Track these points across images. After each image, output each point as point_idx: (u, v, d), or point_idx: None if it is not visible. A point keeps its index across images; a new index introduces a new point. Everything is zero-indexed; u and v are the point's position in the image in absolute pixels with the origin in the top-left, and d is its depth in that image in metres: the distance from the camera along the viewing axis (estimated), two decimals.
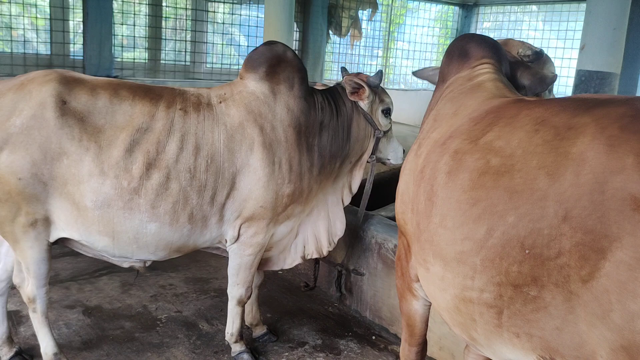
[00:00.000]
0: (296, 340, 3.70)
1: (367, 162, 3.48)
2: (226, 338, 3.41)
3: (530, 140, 1.70)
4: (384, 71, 13.52)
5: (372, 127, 3.40)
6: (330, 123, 3.27)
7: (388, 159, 3.58)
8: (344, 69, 3.59)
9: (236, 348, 3.39)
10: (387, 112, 3.46)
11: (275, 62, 3.11)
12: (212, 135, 2.90)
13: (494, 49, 2.55)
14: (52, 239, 2.85)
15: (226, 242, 3.13)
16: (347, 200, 3.54)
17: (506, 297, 1.66)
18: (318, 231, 3.44)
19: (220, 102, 3.01)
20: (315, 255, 3.50)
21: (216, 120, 2.93)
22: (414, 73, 3.18)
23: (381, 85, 3.47)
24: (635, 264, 1.38)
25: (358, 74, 3.45)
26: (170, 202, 2.80)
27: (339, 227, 3.50)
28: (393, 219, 4.01)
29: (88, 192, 2.71)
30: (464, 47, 2.57)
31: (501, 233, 1.66)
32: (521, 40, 3.29)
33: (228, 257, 3.24)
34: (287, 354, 3.54)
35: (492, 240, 1.69)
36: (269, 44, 3.26)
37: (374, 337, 3.81)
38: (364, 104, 3.36)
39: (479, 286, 1.73)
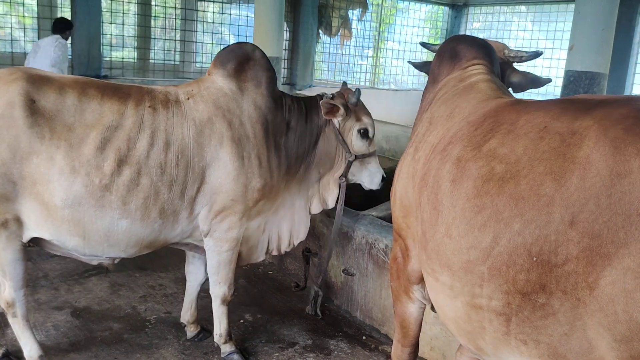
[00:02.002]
0: (286, 341, 3.69)
1: (338, 182, 3.46)
2: (215, 339, 3.39)
3: (536, 147, 1.67)
4: (373, 72, 13.57)
5: (343, 148, 3.39)
6: (297, 126, 3.29)
7: (362, 183, 3.55)
8: (344, 84, 3.61)
9: (226, 349, 3.37)
10: (364, 133, 3.40)
11: (243, 60, 3.16)
12: (182, 131, 2.92)
13: (485, 50, 2.55)
14: (25, 239, 2.83)
15: (203, 236, 3.13)
16: (315, 209, 3.53)
17: (514, 305, 1.64)
18: (281, 230, 3.45)
19: (189, 99, 3.04)
20: (274, 253, 3.53)
21: (185, 116, 2.96)
22: (412, 62, 3.18)
23: (359, 101, 3.43)
24: None
25: (340, 93, 3.44)
26: (141, 198, 2.81)
27: (302, 232, 3.52)
28: (384, 218, 4.02)
29: (58, 190, 2.69)
30: (455, 48, 2.56)
31: (507, 240, 1.64)
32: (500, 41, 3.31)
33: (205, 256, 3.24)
34: (277, 354, 3.53)
35: (498, 249, 1.66)
36: (238, 43, 3.36)
37: (364, 338, 3.81)
38: (336, 121, 3.37)
39: (487, 294, 1.70)
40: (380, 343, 3.73)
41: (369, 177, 3.52)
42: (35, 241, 2.91)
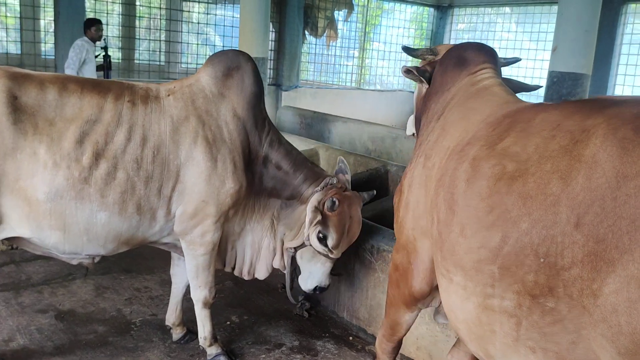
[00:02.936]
0: (273, 342, 3.68)
1: (287, 249, 3.33)
2: (200, 343, 3.38)
3: (547, 145, 1.64)
4: (359, 72, 13.60)
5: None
6: (278, 170, 3.23)
7: (300, 275, 3.37)
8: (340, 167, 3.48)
9: (211, 351, 3.35)
10: (321, 238, 3.16)
11: (233, 67, 3.14)
12: (159, 127, 2.92)
13: (493, 55, 2.54)
14: (1, 237, 2.82)
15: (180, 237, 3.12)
16: (276, 264, 3.41)
17: (525, 307, 1.60)
18: (245, 255, 3.42)
19: (169, 95, 3.03)
20: (236, 273, 3.47)
21: (163, 113, 2.96)
22: (406, 48, 3.01)
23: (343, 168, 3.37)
24: None
25: (332, 186, 3.25)
26: (118, 192, 2.82)
27: (261, 271, 3.45)
28: (370, 219, 4.03)
29: (41, 184, 2.70)
30: (463, 54, 2.53)
31: (515, 240, 1.61)
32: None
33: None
34: (264, 355, 3.52)
35: (507, 248, 1.63)
36: (236, 51, 3.33)
37: (351, 338, 3.81)
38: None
39: (499, 293, 1.68)
40: (367, 343, 3.74)
41: (307, 274, 3.31)
42: (11, 240, 2.90)
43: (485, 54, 2.51)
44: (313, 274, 3.31)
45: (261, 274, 3.47)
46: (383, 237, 3.69)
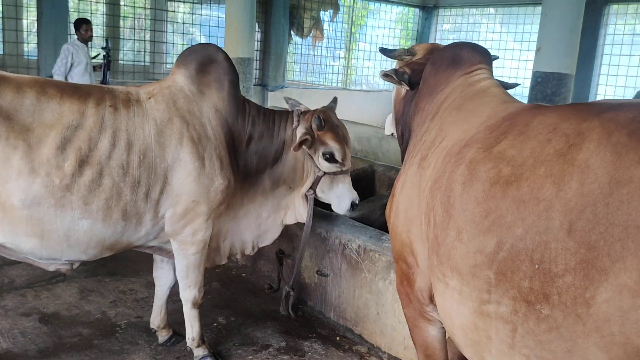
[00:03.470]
0: (260, 343, 3.67)
1: (306, 194, 3.39)
2: (187, 344, 3.35)
3: (543, 149, 1.61)
4: (345, 73, 13.62)
5: (312, 163, 3.34)
6: (261, 140, 3.26)
7: (332, 204, 3.43)
8: (295, 108, 3.46)
9: (199, 352, 3.33)
10: (329, 157, 3.27)
11: (206, 62, 3.13)
12: (143, 131, 2.89)
13: (487, 55, 2.50)
14: None
15: (170, 239, 3.10)
16: (289, 221, 3.51)
17: (521, 314, 1.57)
18: (244, 237, 3.45)
19: (150, 98, 3.00)
20: (239, 257, 3.55)
21: (146, 116, 2.93)
22: (383, 49, 2.98)
23: (332, 118, 3.36)
24: (639, 289, 1.26)
25: (304, 113, 3.34)
26: (103, 199, 2.77)
27: (269, 237, 3.52)
28: (357, 219, 4.03)
29: (16, 191, 2.63)
30: (458, 54, 2.47)
31: (510, 246, 1.58)
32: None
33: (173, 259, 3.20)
34: (251, 357, 3.51)
35: (502, 254, 1.61)
36: (202, 44, 3.32)
37: (338, 338, 3.81)
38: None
39: (495, 299, 1.65)
40: (354, 343, 3.74)
41: (337, 199, 3.38)
42: None
43: (480, 54, 2.47)
44: (341, 196, 3.38)
45: (268, 240, 3.53)
46: (370, 237, 3.69)
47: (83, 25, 7.34)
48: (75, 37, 7.38)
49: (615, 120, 1.48)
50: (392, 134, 3.13)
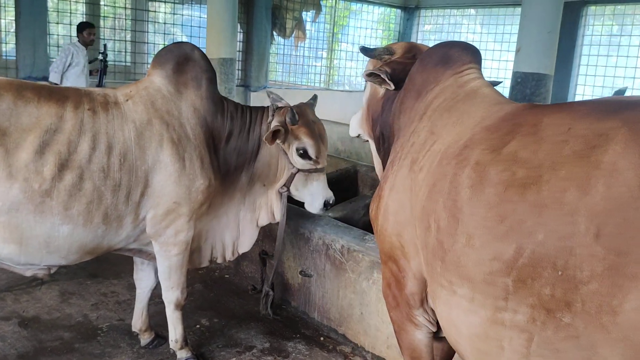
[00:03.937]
0: (244, 345, 3.66)
1: (279, 191, 3.38)
2: (170, 346, 3.33)
3: (560, 150, 1.56)
4: (328, 73, 13.64)
5: (286, 159, 3.31)
6: (239, 136, 3.24)
7: (305, 203, 3.41)
8: (273, 100, 3.45)
9: (182, 355, 3.31)
10: (302, 153, 3.24)
11: (182, 61, 3.10)
12: (123, 134, 2.86)
13: (477, 54, 2.44)
14: None
15: (152, 241, 3.07)
16: (263, 222, 3.48)
17: (539, 322, 1.52)
18: (224, 239, 3.42)
19: (127, 100, 2.97)
20: (219, 261, 3.49)
21: (125, 118, 2.90)
22: (363, 48, 2.90)
23: (310, 110, 3.36)
24: None
25: (280, 108, 3.31)
26: (84, 203, 2.73)
27: (246, 243, 3.48)
28: (340, 219, 4.04)
29: None
30: (448, 52, 2.40)
31: (531, 252, 1.52)
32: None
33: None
34: (234, 358, 3.49)
35: (522, 260, 1.55)
36: (177, 43, 3.29)
37: (322, 338, 3.81)
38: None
39: (512, 307, 1.58)
40: (338, 343, 3.75)
41: (310, 197, 3.36)
42: None
43: (470, 54, 2.41)
44: (315, 194, 3.35)
45: (246, 246, 3.48)
46: (353, 237, 3.70)
47: (87, 28, 7.43)
48: (77, 39, 7.47)
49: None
50: (358, 135, 3.11)
